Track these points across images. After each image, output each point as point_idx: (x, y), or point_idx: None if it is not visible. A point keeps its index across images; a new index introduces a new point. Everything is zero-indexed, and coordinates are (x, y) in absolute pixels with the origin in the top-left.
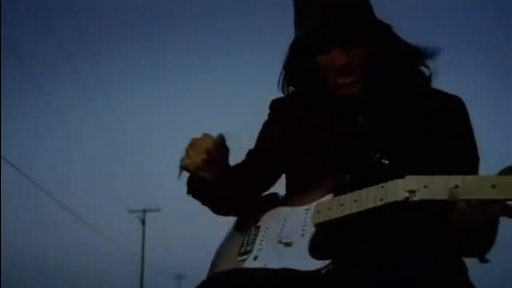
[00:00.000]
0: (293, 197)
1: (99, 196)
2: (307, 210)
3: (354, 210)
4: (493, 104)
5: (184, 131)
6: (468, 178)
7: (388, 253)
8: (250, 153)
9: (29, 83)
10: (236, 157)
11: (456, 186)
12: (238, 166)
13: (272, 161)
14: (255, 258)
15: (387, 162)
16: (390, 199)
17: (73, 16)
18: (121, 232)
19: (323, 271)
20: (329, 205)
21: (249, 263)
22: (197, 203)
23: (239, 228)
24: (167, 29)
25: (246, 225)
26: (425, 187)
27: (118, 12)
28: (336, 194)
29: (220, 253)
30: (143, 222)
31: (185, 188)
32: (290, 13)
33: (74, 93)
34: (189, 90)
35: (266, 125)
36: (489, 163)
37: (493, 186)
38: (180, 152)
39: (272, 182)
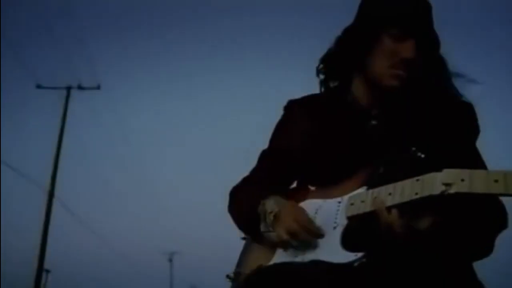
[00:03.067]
0: (324, 191)
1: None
2: (339, 203)
3: (389, 203)
4: (498, 104)
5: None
6: (510, 172)
7: (419, 250)
8: (266, 155)
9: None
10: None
11: (496, 181)
12: (257, 172)
13: (291, 164)
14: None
15: (423, 155)
16: (425, 193)
17: (74, 16)
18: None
19: (355, 264)
20: (363, 198)
21: (279, 256)
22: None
23: None
24: (169, 28)
25: None
26: (462, 180)
27: (120, 12)
28: (370, 187)
29: (248, 248)
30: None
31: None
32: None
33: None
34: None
35: (282, 125)
36: (491, 163)
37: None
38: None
39: (290, 183)
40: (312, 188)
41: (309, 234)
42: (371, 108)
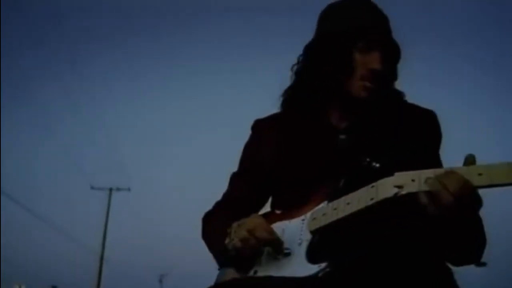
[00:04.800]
0: (289, 212)
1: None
2: (303, 220)
3: (347, 212)
4: (493, 104)
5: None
6: (456, 168)
7: (381, 252)
8: (237, 177)
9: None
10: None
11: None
12: (228, 195)
13: (262, 183)
14: (255, 272)
15: (377, 165)
16: (380, 197)
17: (66, 21)
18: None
19: (320, 274)
20: (324, 211)
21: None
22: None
23: None
24: (165, 31)
25: None
26: (413, 180)
27: (113, 15)
28: (331, 200)
29: (222, 274)
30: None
31: None
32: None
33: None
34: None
35: (251, 145)
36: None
37: (479, 174)
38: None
39: (263, 203)
40: (278, 211)
41: (261, 242)
42: (340, 122)
